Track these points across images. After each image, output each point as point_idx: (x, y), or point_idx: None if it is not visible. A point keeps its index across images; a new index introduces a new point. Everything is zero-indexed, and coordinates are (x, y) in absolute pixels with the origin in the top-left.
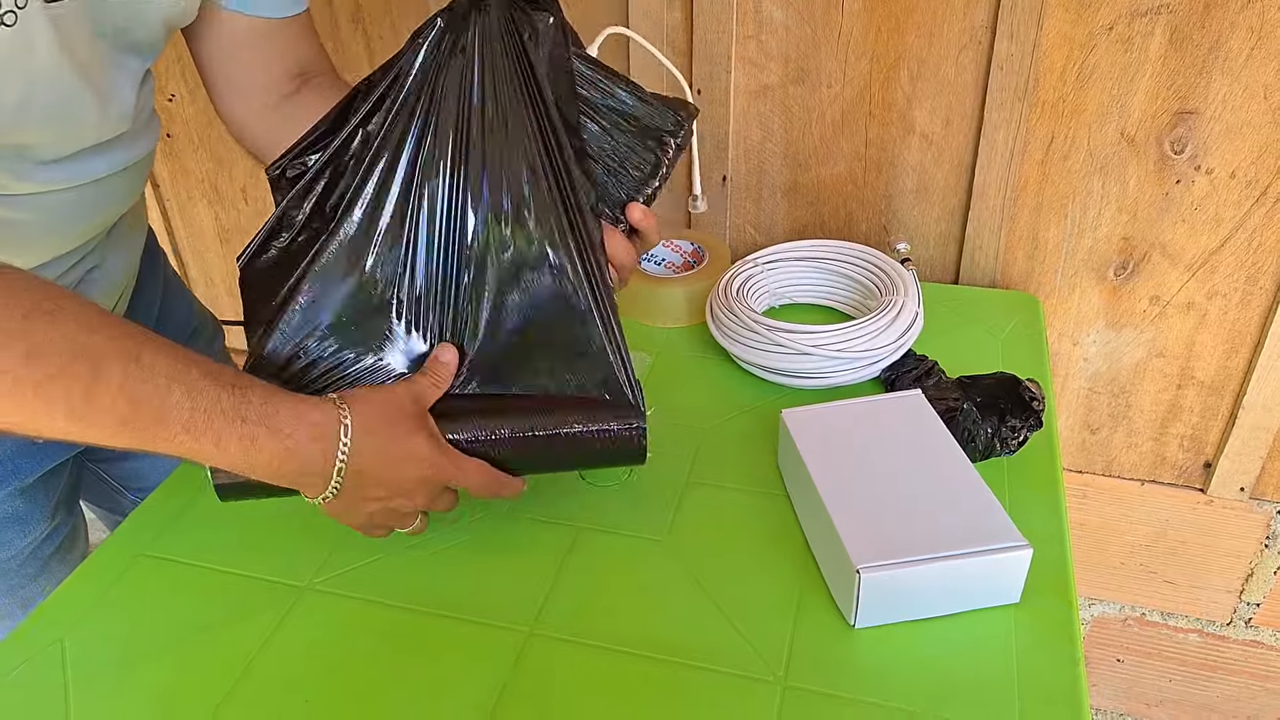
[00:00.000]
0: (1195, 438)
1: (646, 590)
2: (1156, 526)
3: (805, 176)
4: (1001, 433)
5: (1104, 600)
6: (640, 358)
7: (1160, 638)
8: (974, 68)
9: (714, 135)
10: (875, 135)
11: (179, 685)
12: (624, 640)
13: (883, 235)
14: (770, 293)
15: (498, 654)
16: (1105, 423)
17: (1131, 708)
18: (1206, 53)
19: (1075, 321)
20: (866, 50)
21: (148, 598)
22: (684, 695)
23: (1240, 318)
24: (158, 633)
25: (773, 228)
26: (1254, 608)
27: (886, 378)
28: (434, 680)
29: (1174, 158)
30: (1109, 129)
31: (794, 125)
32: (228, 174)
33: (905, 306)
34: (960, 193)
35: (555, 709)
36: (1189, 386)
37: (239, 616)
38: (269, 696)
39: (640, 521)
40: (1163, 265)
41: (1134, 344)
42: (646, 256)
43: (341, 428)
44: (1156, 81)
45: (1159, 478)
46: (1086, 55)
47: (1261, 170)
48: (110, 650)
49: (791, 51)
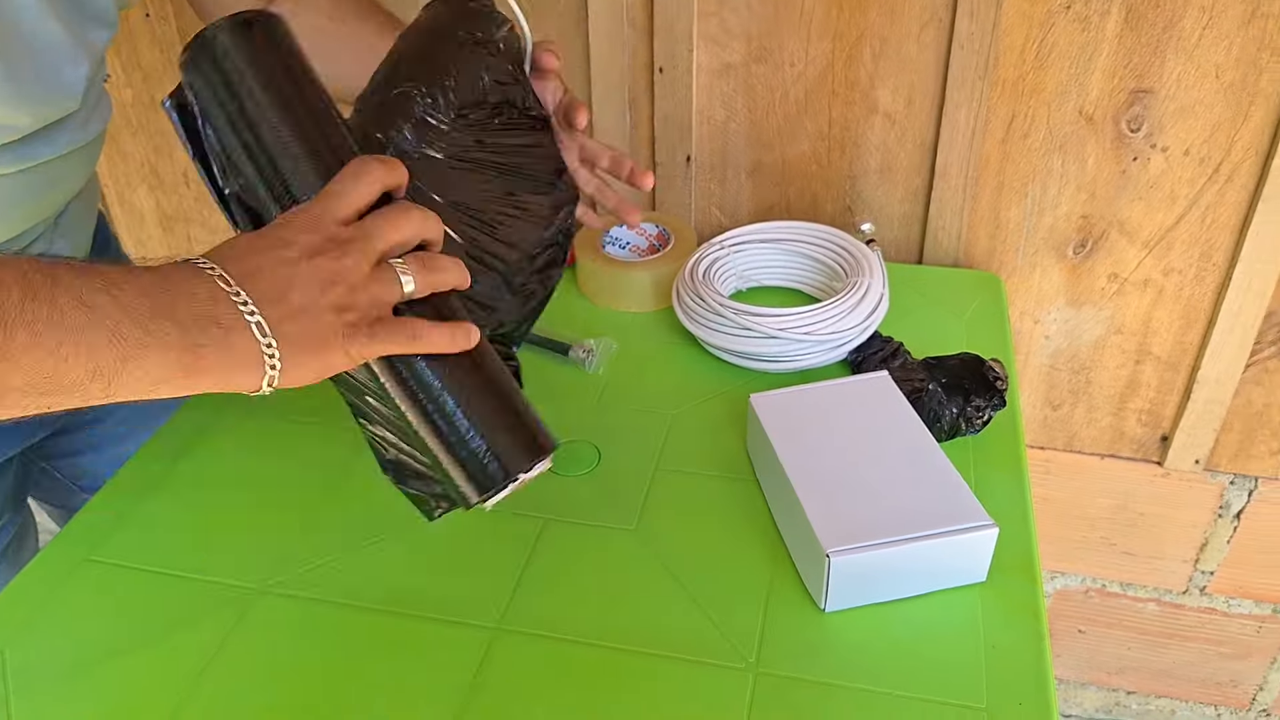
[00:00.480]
0: (1153, 412)
1: (616, 580)
2: (1116, 499)
3: (770, 157)
4: (966, 412)
5: (1066, 573)
6: (605, 344)
7: (1120, 608)
8: (935, 46)
9: (677, 115)
10: (839, 115)
11: (128, 696)
12: (594, 633)
13: (848, 216)
14: (737, 275)
15: (464, 652)
16: (1066, 399)
17: (1094, 677)
18: (1161, 32)
19: (1036, 300)
20: (829, 28)
21: (94, 604)
22: (656, 685)
23: (1195, 294)
24: (105, 641)
25: (738, 209)
26: (1209, 576)
27: (854, 360)
28: (397, 682)
29: (1131, 136)
30: (1068, 107)
31: (758, 105)
32: (168, 158)
33: (871, 288)
34: (923, 172)
35: (525, 707)
36: (1146, 362)
37: (190, 622)
38: (224, 705)
39: (609, 510)
40: (1121, 243)
41: (1093, 321)
42: (610, 240)
43: (181, 257)
44: (1113, 60)
45: (1118, 452)
46: (1045, 34)
47: (1214, 148)
48: (54, 660)
49: (754, 29)
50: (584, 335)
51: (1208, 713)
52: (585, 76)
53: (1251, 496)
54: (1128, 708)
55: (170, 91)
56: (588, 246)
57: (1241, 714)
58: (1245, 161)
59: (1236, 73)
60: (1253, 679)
